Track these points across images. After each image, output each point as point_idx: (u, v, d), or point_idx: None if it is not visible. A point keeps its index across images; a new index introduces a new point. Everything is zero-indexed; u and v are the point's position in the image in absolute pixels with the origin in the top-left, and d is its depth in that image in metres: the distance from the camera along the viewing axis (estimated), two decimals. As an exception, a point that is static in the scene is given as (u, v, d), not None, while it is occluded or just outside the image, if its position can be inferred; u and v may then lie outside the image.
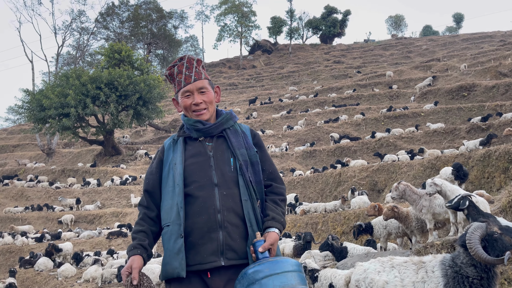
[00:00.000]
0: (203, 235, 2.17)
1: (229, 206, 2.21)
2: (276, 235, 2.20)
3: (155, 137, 31.59)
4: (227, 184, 2.25)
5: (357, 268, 3.80)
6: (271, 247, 2.16)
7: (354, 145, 19.10)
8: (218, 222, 2.17)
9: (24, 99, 25.55)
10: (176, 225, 2.19)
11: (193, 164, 2.28)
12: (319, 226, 11.31)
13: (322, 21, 61.03)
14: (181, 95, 2.38)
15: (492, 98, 20.97)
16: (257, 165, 2.34)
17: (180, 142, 2.38)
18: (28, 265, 13.07)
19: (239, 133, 2.40)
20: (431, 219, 6.10)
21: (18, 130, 39.49)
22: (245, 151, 2.34)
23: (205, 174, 2.25)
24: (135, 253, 2.21)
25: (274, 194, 2.37)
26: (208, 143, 2.35)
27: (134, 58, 28.30)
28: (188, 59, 2.40)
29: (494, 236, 2.86)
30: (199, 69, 2.40)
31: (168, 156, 2.37)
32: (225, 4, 57.76)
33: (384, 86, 30.12)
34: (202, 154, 2.31)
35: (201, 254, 2.16)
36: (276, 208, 2.31)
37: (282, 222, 2.27)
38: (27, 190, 23.30)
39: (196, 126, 2.35)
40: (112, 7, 52.15)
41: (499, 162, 10.22)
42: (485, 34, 48.93)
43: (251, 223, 2.23)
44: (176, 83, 2.40)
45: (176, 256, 2.16)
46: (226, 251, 2.16)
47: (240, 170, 2.28)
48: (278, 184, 2.40)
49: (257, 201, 2.28)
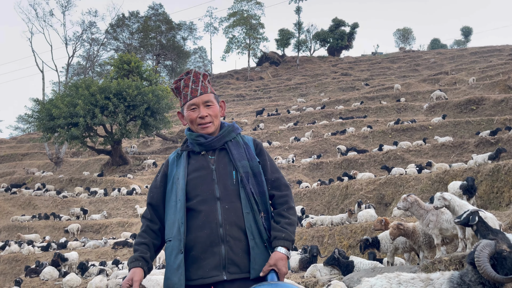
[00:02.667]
0: (205, 250, 2.18)
1: (232, 220, 2.21)
2: (279, 255, 2.18)
3: (162, 148, 31.72)
4: (229, 197, 2.25)
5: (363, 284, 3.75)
6: (274, 268, 2.16)
7: (361, 158, 19.01)
8: (220, 236, 2.17)
9: (34, 108, 25.87)
10: (177, 241, 2.20)
11: (196, 178, 2.29)
12: (326, 239, 11.22)
13: (330, 34, 61.29)
14: (187, 109, 2.40)
15: (501, 112, 20.82)
16: (260, 176, 2.33)
17: (184, 157, 2.39)
18: (34, 274, 13.07)
19: (241, 144, 2.40)
20: (438, 234, 6.03)
21: (27, 139, 39.87)
22: (246, 162, 2.34)
23: (207, 188, 2.26)
24: (136, 265, 2.22)
25: (278, 205, 2.34)
26: (211, 156, 2.36)
27: (143, 69, 28.58)
28: (194, 73, 2.42)
29: (503, 254, 2.82)
30: (205, 83, 2.43)
31: (172, 171, 2.39)
32: (233, 17, 58.34)
33: (392, 99, 30.06)
34: (205, 168, 2.32)
35: (204, 268, 2.16)
36: (279, 221, 2.27)
37: (285, 236, 2.22)
38: (34, 199, 23.43)
39: (198, 140, 2.36)
40: (122, 18, 52.93)
41: (508, 177, 10.10)
42: (493, 47, 48.80)
43: (254, 235, 2.22)
44: (182, 96, 2.42)
45: (175, 271, 2.17)
46: (228, 265, 2.16)
47: (241, 182, 2.27)
48: (282, 192, 2.36)
49: (260, 213, 2.26)
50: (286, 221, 2.28)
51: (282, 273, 2.17)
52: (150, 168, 26.28)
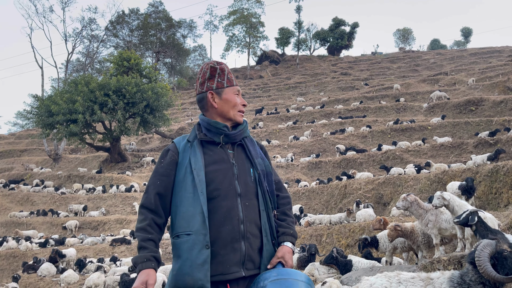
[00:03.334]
0: (225, 245, 2.15)
1: (251, 217, 2.23)
2: (287, 248, 2.28)
3: (161, 145, 31.69)
4: (248, 194, 2.26)
5: (363, 283, 3.75)
6: (281, 260, 2.23)
7: (360, 157, 19.02)
8: (241, 232, 2.18)
9: (33, 104, 25.85)
10: (201, 235, 2.10)
11: (216, 171, 2.22)
12: (324, 238, 11.22)
13: (330, 33, 61.29)
14: (232, 92, 2.38)
15: (500, 113, 20.84)
16: (271, 176, 2.39)
17: (197, 145, 2.29)
18: (31, 270, 13.06)
19: (255, 143, 2.45)
20: (437, 234, 6.03)
21: (26, 135, 39.83)
22: (261, 161, 2.38)
23: (229, 183, 2.22)
24: (149, 266, 2.09)
25: (282, 204, 2.43)
26: (230, 150, 2.33)
27: (142, 66, 28.53)
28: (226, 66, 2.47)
29: (503, 254, 2.82)
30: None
31: (184, 159, 2.26)
32: (233, 15, 58.28)
33: (391, 98, 30.08)
34: (225, 162, 2.27)
35: (224, 264, 2.13)
36: (285, 219, 2.38)
37: (293, 233, 2.34)
38: (32, 195, 23.40)
39: (224, 130, 2.30)
40: (122, 15, 52.83)
41: (507, 178, 10.11)
42: (493, 48, 48.86)
43: (266, 233, 2.28)
44: (227, 79, 2.37)
45: (200, 267, 2.07)
46: (246, 261, 2.18)
47: (259, 180, 2.32)
48: (284, 194, 2.47)
49: (273, 211, 2.35)
50: (291, 220, 2.40)
51: (288, 266, 2.23)
52: (148, 166, 26.25)
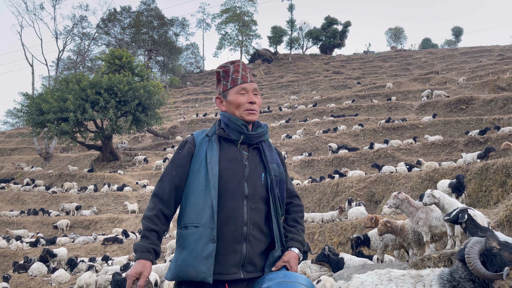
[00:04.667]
0: (226, 246, 2.14)
1: (255, 221, 2.21)
2: (293, 254, 2.26)
3: (153, 144, 31.54)
4: (255, 198, 2.23)
5: (354, 280, 3.77)
6: (286, 265, 2.22)
7: (352, 156, 19.11)
8: (244, 234, 2.16)
9: (23, 102, 25.58)
10: (208, 229, 2.11)
11: (227, 169, 2.21)
12: (316, 236, 11.27)
13: (322, 32, 61.42)
14: (235, 92, 2.32)
15: (490, 112, 21.06)
16: (283, 184, 2.35)
17: (215, 141, 2.29)
18: (22, 269, 12.95)
19: (272, 148, 2.41)
20: (427, 231, 6.08)
21: (16, 134, 39.40)
22: (276, 167, 2.34)
23: (238, 183, 2.21)
24: (147, 257, 2.10)
25: (294, 212, 2.43)
26: (245, 152, 2.31)
27: (134, 64, 28.38)
28: (242, 62, 2.42)
29: (493, 251, 2.85)
30: (251, 74, 2.41)
31: (200, 152, 2.27)
32: (226, 13, 58.16)
33: (383, 97, 30.24)
34: (238, 162, 2.25)
35: (223, 264, 2.12)
36: (295, 226, 2.38)
37: (301, 240, 2.33)
38: (23, 194, 23.18)
39: (242, 129, 2.28)
40: (113, 13, 52.48)
41: (497, 175, 10.22)
42: (484, 48, 49.29)
43: (277, 238, 2.27)
44: (230, 80, 2.34)
45: (205, 260, 2.07)
46: (247, 264, 2.16)
47: (271, 185, 2.28)
48: (298, 202, 2.47)
49: (282, 217, 2.34)
50: (301, 228, 2.40)
51: (293, 271, 2.23)
52: (141, 164, 26.12)
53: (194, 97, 46.57)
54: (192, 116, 35.14)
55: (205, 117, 32.97)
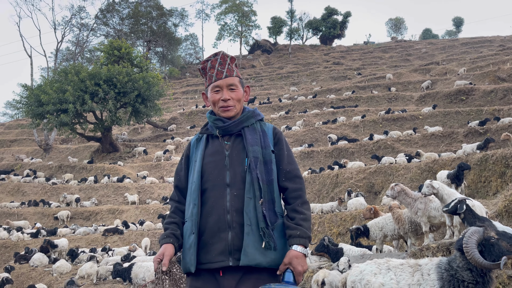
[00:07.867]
0: (213, 235, 2.21)
1: (238, 207, 2.20)
2: (294, 253, 2.13)
3: (153, 135, 31.54)
4: (238, 184, 2.24)
5: (353, 269, 3.81)
6: (289, 267, 2.13)
7: (351, 147, 19.12)
8: (228, 222, 2.19)
9: (22, 94, 25.47)
10: (190, 221, 2.27)
11: (210, 163, 2.32)
12: (315, 227, 11.32)
13: (322, 22, 61.08)
14: (211, 90, 2.38)
15: (490, 103, 21.03)
16: (270, 164, 2.28)
17: (203, 140, 2.43)
18: (23, 260, 13.03)
19: (257, 131, 2.36)
20: (426, 222, 6.12)
21: (16, 125, 39.36)
22: (259, 148, 2.28)
23: (219, 173, 2.28)
24: (167, 241, 2.26)
25: (292, 199, 2.28)
26: (226, 141, 2.36)
27: (133, 55, 28.26)
28: (222, 55, 2.39)
29: (491, 241, 2.87)
30: (232, 66, 2.39)
31: (193, 153, 2.44)
32: (225, 3, 57.75)
33: (383, 88, 30.17)
34: (219, 153, 2.33)
35: (211, 253, 2.20)
36: (294, 218, 2.22)
37: (301, 234, 2.17)
38: (23, 185, 23.23)
39: (216, 124, 2.38)
40: (112, 3, 52.11)
41: (496, 166, 10.25)
42: (484, 38, 49.07)
43: (251, 222, 2.16)
44: (208, 77, 2.39)
45: (188, 251, 2.24)
46: (234, 251, 2.17)
47: (249, 167, 2.23)
48: (295, 185, 2.30)
49: (260, 199, 2.18)
50: (301, 217, 2.22)
51: (297, 272, 2.12)
52: (140, 156, 26.14)
53: (194, 88, 46.42)
54: (192, 107, 35.07)
55: (204, 108, 32.91)
